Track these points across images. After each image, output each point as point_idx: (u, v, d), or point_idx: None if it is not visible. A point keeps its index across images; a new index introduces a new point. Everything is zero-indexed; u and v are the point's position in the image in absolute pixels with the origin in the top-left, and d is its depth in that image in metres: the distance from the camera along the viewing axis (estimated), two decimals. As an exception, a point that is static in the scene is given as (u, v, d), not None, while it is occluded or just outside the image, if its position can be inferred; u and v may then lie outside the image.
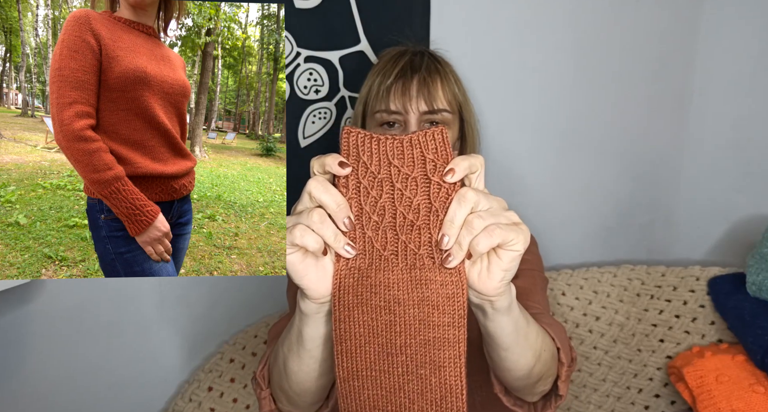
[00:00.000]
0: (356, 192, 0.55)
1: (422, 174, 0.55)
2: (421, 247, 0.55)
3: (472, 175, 0.53)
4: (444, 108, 0.87)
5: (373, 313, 0.57)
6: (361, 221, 0.56)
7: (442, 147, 0.54)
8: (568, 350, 0.75)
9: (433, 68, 0.88)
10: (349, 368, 0.58)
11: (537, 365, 0.65)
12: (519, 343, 0.61)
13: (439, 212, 0.54)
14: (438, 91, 0.87)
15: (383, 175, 0.55)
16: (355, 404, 0.59)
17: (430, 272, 0.55)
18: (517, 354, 0.62)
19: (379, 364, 0.57)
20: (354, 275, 0.57)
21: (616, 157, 1.27)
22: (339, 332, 0.58)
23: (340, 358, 0.58)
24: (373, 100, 0.87)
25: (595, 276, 1.22)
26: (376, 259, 0.56)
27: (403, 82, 0.86)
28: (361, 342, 0.57)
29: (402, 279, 0.55)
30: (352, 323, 0.57)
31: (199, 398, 1.07)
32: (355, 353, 0.58)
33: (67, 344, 1.04)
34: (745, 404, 0.98)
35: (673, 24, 1.21)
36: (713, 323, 1.17)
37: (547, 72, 1.19)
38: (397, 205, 0.55)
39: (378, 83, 0.87)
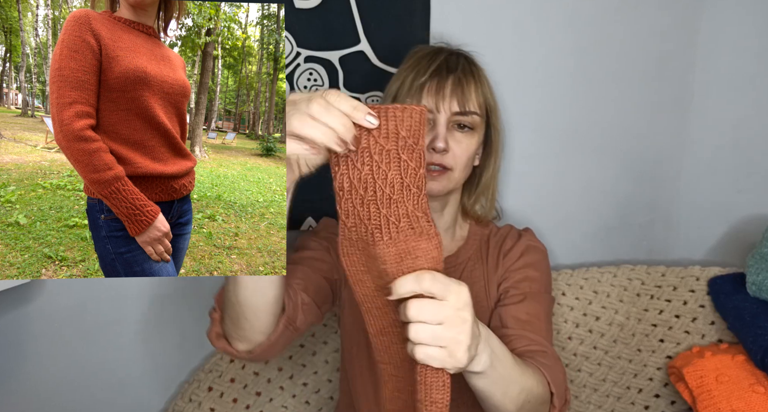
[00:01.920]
0: (346, 167, 0.57)
1: (394, 148, 0.56)
2: (401, 219, 0.57)
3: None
4: (475, 111, 0.87)
5: (376, 280, 0.60)
6: (351, 195, 0.57)
7: (417, 126, 0.56)
8: (563, 393, 0.77)
9: (468, 70, 0.88)
10: (376, 325, 0.62)
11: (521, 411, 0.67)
12: (497, 394, 0.64)
13: (411, 187, 0.57)
14: (471, 94, 0.86)
15: (364, 144, 0.56)
16: (388, 356, 0.63)
17: (414, 241, 0.57)
18: (497, 402, 0.65)
19: (399, 322, 0.60)
20: (353, 244, 0.60)
21: (616, 157, 1.27)
22: (359, 295, 0.61)
23: (367, 317, 0.62)
24: (404, 96, 0.87)
25: (595, 276, 1.22)
26: (363, 232, 0.58)
27: (438, 80, 0.85)
28: (378, 304, 0.61)
29: (388, 251, 0.57)
30: (365, 287, 0.61)
31: (199, 398, 1.07)
32: (377, 313, 0.62)
33: (67, 344, 1.04)
34: (745, 404, 0.98)
35: (673, 24, 1.21)
36: (713, 323, 1.17)
37: (547, 72, 1.19)
38: (376, 178, 0.57)
39: (411, 79, 0.86)
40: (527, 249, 0.95)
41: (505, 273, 0.93)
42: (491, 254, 0.95)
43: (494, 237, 0.98)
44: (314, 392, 1.17)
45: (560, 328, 1.21)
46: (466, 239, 0.98)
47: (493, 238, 0.98)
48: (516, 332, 0.83)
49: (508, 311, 0.86)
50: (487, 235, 0.99)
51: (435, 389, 0.56)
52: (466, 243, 0.97)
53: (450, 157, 0.86)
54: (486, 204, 0.99)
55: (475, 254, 0.96)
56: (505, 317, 0.85)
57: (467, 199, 0.98)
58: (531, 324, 0.84)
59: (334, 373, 1.18)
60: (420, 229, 0.56)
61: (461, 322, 0.53)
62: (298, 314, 0.77)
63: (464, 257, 0.95)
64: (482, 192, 0.98)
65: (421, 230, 0.56)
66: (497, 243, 0.97)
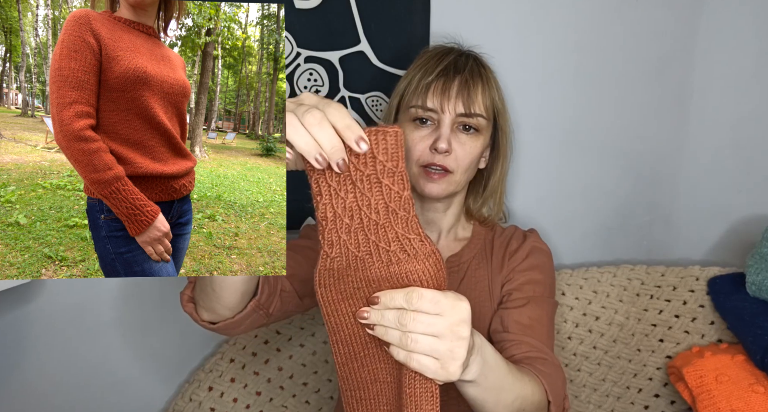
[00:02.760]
0: (329, 196, 0.56)
1: (374, 173, 0.55)
2: (391, 244, 0.56)
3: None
4: (480, 113, 0.86)
5: (360, 303, 0.58)
6: (336, 225, 0.56)
7: (394, 149, 0.53)
8: (560, 401, 0.76)
9: (476, 72, 0.87)
10: (346, 352, 0.61)
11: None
12: (489, 403, 0.64)
13: (397, 211, 0.55)
14: (478, 96, 0.86)
15: (345, 174, 0.55)
16: (356, 382, 0.62)
17: (408, 264, 0.56)
18: (490, 410, 0.64)
19: (374, 343, 0.59)
20: (333, 275, 0.58)
21: (616, 157, 1.27)
22: (330, 325, 0.60)
23: (336, 346, 0.61)
24: (411, 95, 0.86)
25: (595, 276, 1.22)
26: (352, 260, 0.57)
27: (444, 80, 0.85)
28: (354, 329, 0.60)
29: (382, 276, 0.57)
30: (340, 316, 0.60)
31: (199, 398, 1.07)
32: (349, 340, 0.60)
33: (67, 344, 1.04)
34: (745, 404, 0.98)
35: (673, 24, 1.21)
36: (713, 323, 1.17)
37: (548, 72, 1.19)
38: (361, 206, 0.56)
39: (418, 78, 0.86)
40: (532, 250, 0.94)
41: (509, 274, 0.92)
42: (496, 255, 0.95)
43: (499, 238, 0.98)
44: (314, 392, 1.17)
45: (560, 328, 1.21)
46: (470, 239, 0.97)
47: (497, 238, 0.97)
48: (517, 337, 0.82)
49: (510, 314, 0.85)
50: (492, 235, 0.98)
51: (425, 400, 0.55)
52: (470, 243, 0.97)
53: (452, 159, 0.85)
54: (494, 207, 0.99)
55: (479, 253, 0.96)
56: (507, 321, 0.85)
57: (473, 201, 0.98)
58: (533, 329, 0.84)
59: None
60: (414, 251, 0.55)
61: (456, 338, 0.53)
62: (274, 301, 0.76)
63: (468, 257, 0.95)
64: (490, 195, 0.97)
65: (415, 252, 0.55)
66: (502, 244, 0.96)
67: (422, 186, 0.86)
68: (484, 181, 0.98)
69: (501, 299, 0.91)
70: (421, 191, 0.86)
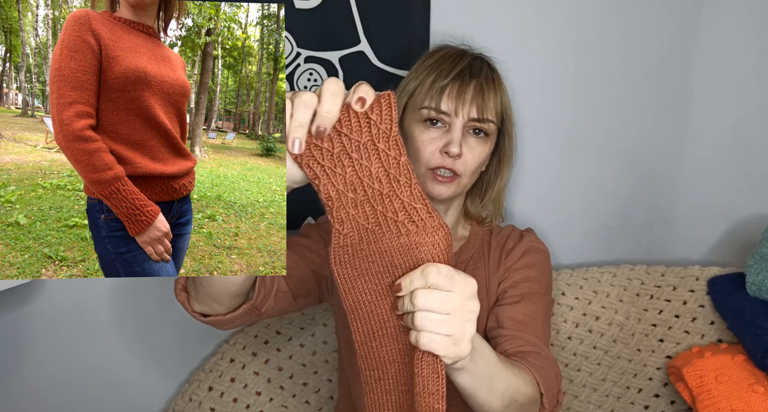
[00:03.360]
0: (326, 176, 0.56)
1: (369, 139, 0.55)
2: (399, 214, 0.57)
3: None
4: (492, 119, 0.87)
5: (375, 279, 0.59)
6: (342, 202, 0.57)
7: (387, 111, 0.55)
8: (554, 394, 0.77)
9: (490, 77, 0.88)
10: (365, 331, 0.61)
11: (507, 410, 0.67)
12: (481, 391, 0.64)
13: (398, 177, 0.56)
14: (491, 101, 0.86)
15: (338, 149, 0.56)
16: (375, 362, 0.62)
17: (417, 236, 0.56)
18: (482, 399, 0.65)
19: (392, 321, 0.59)
20: (348, 251, 0.59)
21: (616, 157, 1.27)
22: (349, 303, 0.60)
23: (355, 325, 0.60)
24: (422, 96, 0.86)
25: (595, 276, 1.22)
26: (363, 233, 0.58)
27: (460, 84, 0.85)
28: (371, 307, 0.60)
29: (393, 246, 0.57)
30: (357, 293, 0.60)
31: (199, 398, 1.07)
32: (367, 318, 0.60)
33: (67, 344, 1.04)
34: (745, 404, 0.98)
35: (673, 24, 1.21)
36: (713, 323, 1.17)
37: (548, 72, 1.19)
38: (362, 177, 0.57)
39: (432, 80, 0.86)
40: (529, 249, 0.95)
41: (505, 272, 0.93)
42: (493, 254, 0.96)
43: (496, 237, 0.98)
44: (314, 392, 1.17)
45: (560, 328, 1.21)
46: (468, 238, 0.98)
47: (495, 238, 0.98)
48: (511, 332, 0.83)
49: (504, 311, 0.86)
50: (489, 235, 0.99)
51: (431, 380, 0.55)
52: (468, 242, 0.97)
53: (461, 163, 0.85)
54: (494, 210, 0.99)
55: (476, 253, 0.96)
56: (502, 317, 0.86)
57: (472, 203, 0.98)
58: (526, 325, 0.84)
59: (334, 373, 1.18)
60: (422, 223, 0.56)
61: (467, 312, 0.53)
62: (268, 301, 0.76)
63: (466, 256, 0.96)
64: (492, 200, 0.98)
65: (423, 224, 0.56)
66: (499, 243, 0.97)
67: (429, 188, 0.86)
68: (484, 185, 0.98)
69: (497, 297, 0.92)
70: (428, 192, 0.87)
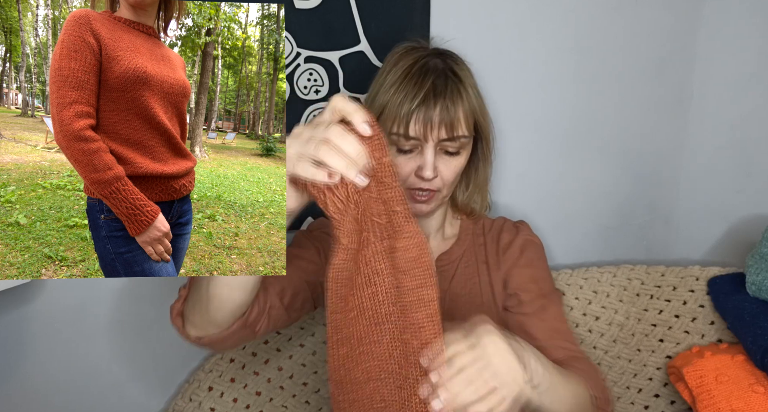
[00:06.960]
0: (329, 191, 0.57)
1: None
2: (382, 216, 0.58)
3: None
4: (463, 134, 0.83)
5: (358, 291, 0.59)
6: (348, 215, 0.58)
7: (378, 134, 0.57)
8: (606, 395, 0.80)
9: (456, 92, 0.83)
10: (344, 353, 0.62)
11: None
12: (545, 402, 0.65)
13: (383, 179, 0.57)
14: (460, 119, 0.83)
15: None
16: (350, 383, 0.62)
17: (393, 240, 0.57)
18: (547, 410, 0.66)
19: (369, 335, 0.60)
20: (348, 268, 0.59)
21: (616, 157, 1.27)
22: (334, 323, 0.61)
23: (334, 348, 0.62)
24: (390, 121, 0.82)
25: (595, 276, 1.22)
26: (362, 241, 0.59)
27: (426, 109, 0.80)
28: (355, 326, 0.60)
29: (377, 251, 0.58)
30: (347, 311, 0.60)
31: (199, 398, 1.07)
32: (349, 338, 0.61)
33: (67, 344, 1.04)
34: (745, 404, 0.98)
35: (673, 24, 1.21)
36: (713, 323, 1.17)
37: (547, 72, 1.19)
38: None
39: (398, 104, 0.81)
40: (526, 245, 0.94)
41: (508, 270, 0.92)
42: (489, 251, 0.95)
43: (489, 232, 0.97)
44: (314, 392, 1.17)
45: (560, 328, 1.22)
46: (458, 235, 0.97)
47: (488, 233, 0.97)
48: (547, 343, 0.84)
49: (532, 322, 0.87)
50: (481, 228, 0.98)
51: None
52: (459, 239, 0.97)
53: (438, 180, 0.84)
54: (480, 201, 0.98)
55: (469, 248, 0.96)
56: (532, 330, 0.86)
57: (457, 192, 0.97)
58: (557, 331, 0.86)
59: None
60: (399, 227, 0.58)
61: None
62: (262, 319, 0.77)
63: (458, 254, 0.95)
64: (476, 191, 0.97)
65: (400, 228, 0.57)
66: (493, 238, 0.96)
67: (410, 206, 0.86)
68: (467, 180, 0.96)
69: (506, 298, 0.92)
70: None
